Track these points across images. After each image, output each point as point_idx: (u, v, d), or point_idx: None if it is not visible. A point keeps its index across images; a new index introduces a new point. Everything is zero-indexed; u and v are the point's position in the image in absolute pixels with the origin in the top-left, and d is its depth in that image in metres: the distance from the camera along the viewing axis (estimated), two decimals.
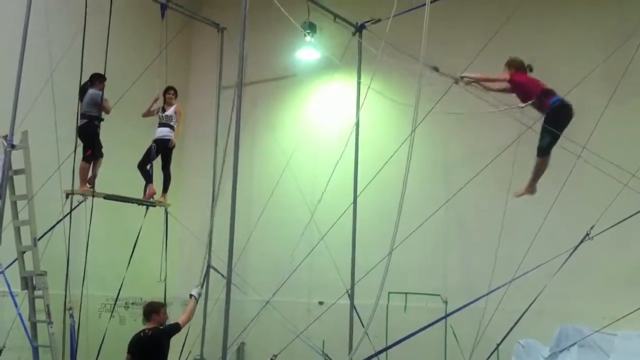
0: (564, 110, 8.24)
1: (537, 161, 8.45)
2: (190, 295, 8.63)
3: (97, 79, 10.38)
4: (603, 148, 9.06)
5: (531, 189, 8.62)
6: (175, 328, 8.12)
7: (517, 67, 8.53)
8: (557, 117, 8.22)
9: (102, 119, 10.41)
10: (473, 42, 10.24)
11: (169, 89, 11.44)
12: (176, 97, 11.52)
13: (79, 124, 10.24)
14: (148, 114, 11.36)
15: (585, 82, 9.36)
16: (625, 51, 9.37)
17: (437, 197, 10.31)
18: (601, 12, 10.53)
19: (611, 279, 9.70)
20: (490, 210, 10.58)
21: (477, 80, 8.69)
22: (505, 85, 8.57)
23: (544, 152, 8.31)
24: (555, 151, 9.29)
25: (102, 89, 10.40)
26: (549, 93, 8.31)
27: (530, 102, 8.34)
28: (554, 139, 8.22)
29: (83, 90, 10.33)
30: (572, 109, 8.24)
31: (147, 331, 7.91)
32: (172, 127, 11.25)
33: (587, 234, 8.48)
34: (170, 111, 11.27)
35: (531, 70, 8.56)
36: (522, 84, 8.43)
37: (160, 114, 11.26)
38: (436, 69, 8.54)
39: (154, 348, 7.86)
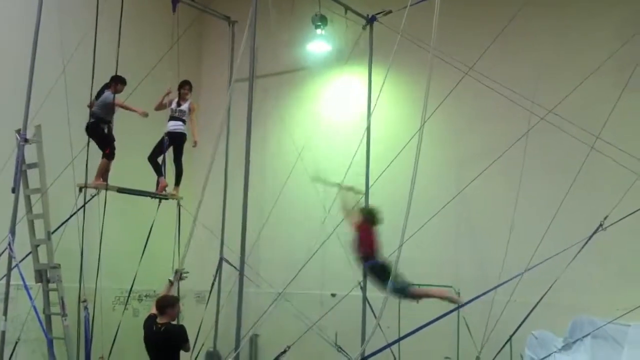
0: (378, 269, 8.62)
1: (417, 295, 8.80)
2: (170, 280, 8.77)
3: (114, 81, 10.42)
4: (616, 138, 9.02)
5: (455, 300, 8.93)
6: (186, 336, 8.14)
7: (366, 219, 9.11)
8: (375, 275, 8.71)
9: (110, 121, 10.44)
10: (485, 33, 10.19)
11: (184, 84, 11.39)
12: (191, 92, 11.49)
13: (87, 123, 10.34)
14: (160, 106, 11.35)
15: (598, 72, 9.32)
16: (638, 41, 9.31)
17: (449, 190, 10.29)
18: (615, 2, 10.45)
19: (624, 270, 9.66)
20: (502, 202, 10.56)
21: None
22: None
23: (402, 290, 8.45)
24: (569, 141, 9.28)
25: (118, 92, 10.43)
26: (368, 258, 8.82)
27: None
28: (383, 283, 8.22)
29: (101, 91, 10.38)
30: (384, 265, 8.53)
31: (160, 326, 7.87)
32: (184, 122, 11.27)
33: (601, 225, 8.44)
34: (184, 106, 11.27)
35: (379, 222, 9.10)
36: (362, 237, 8.95)
37: (174, 107, 11.26)
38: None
39: (163, 346, 7.84)
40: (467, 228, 11.09)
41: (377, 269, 8.62)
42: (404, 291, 8.44)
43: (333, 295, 11.65)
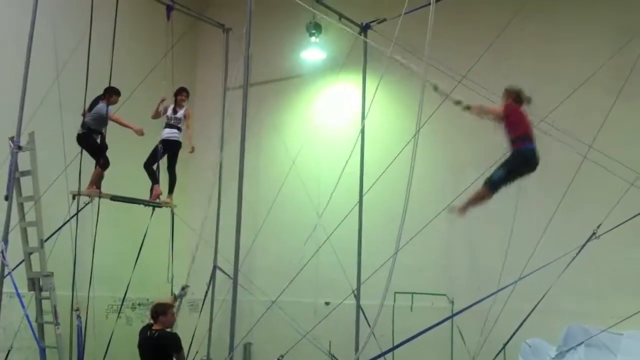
0: (532, 160, 7.70)
1: (480, 190, 7.84)
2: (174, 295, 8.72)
3: (108, 93, 10.37)
4: (610, 147, 9.05)
5: (463, 212, 8.00)
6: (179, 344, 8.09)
7: (514, 97, 8.02)
8: (522, 161, 7.73)
9: (102, 133, 10.41)
10: (479, 41, 10.23)
11: (181, 91, 11.38)
12: (188, 99, 11.46)
13: (78, 132, 10.32)
14: (157, 115, 11.32)
15: (592, 81, 9.35)
16: (631, 49, 9.36)
17: (444, 197, 10.28)
18: (608, 10, 10.52)
19: (618, 278, 9.69)
20: (497, 210, 10.53)
21: (472, 108, 7.96)
22: (498, 115, 7.97)
23: (492, 185, 7.71)
24: (562, 150, 9.30)
25: (112, 103, 10.40)
26: (528, 138, 7.78)
27: (508, 131, 7.82)
28: (506, 178, 7.71)
29: (95, 102, 10.36)
30: (537, 163, 7.72)
31: (154, 332, 7.87)
32: (179, 129, 11.25)
33: (594, 233, 8.47)
34: (180, 113, 11.24)
35: (529, 102, 8.07)
36: (514, 118, 7.85)
37: (169, 114, 11.24)
38: (435, 88, 8.20)
39: (155, 353, 7.82)
40: (461, 236, 11.09)
41: (525, 158, 7.67)
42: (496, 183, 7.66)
43: (327, 303, 11.65)
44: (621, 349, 8.94)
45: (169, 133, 11.18)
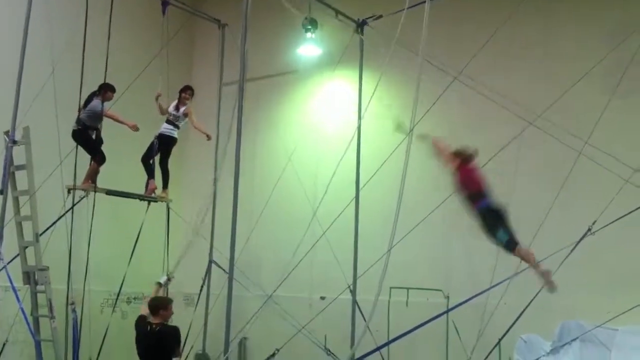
0: (496, 209, 7.72)
1: (514, 254, 7.68)
2: (158, 283, 8.75)
3: (103, 89, 10.35)
4: (605, 143, 9.07)
5: (548, 278, 7.65)
6: (180, 337, 8.15)
7: (463, 158, 8.16)
8: (493, 214, 7.73)
9: (97, 128, 10.40)
10: (476, 39, 10.22)
11: (186, 89, 11.38)
12: (192, 97, 11.42)
13: (73, 129, 10.29)
14: (161, 112, 11.35)
15: (588, 78, 9.36)
16: (627, 46, 9.37)
17: (439, 193, 10.29)
18: (604, 7, 10.53)
19: (613, 274, 9.71)
20: None
21: (435, 145, 8.44)
22: (449, 168, 8.24)
23: (508, 246, 7.63)
24: (558, 146, 9.33)
25: (107, 99, 10.38)
26: (481, 195, 7.85)
27: (460, 188, 8.00)
28: (504, 228, 7.62)
29: (89, 98, 10.33)
30: (501, 207, 7.74)
31: (155, 326, 7.88)
32: (176, 126, 11.26)
33: (589, 229, 8.48)
34: (180, 111, 11.25)
35: (477, 155, 8.21)
36: (464, 178, 8.03)
37: (171, 110, 11.27)
38: (399, 127, 8.41)
39: (159, 347, 7.84)
40: (457, 232, 11.10)
41: (489, 213, 7.67)
42: (507, 244, 7.57)
43: (322, 298, 11.67)
44: (616, 344, 8.98)
45: (165, 128, 11.25)
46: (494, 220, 7.60)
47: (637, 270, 9.53)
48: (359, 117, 11.18)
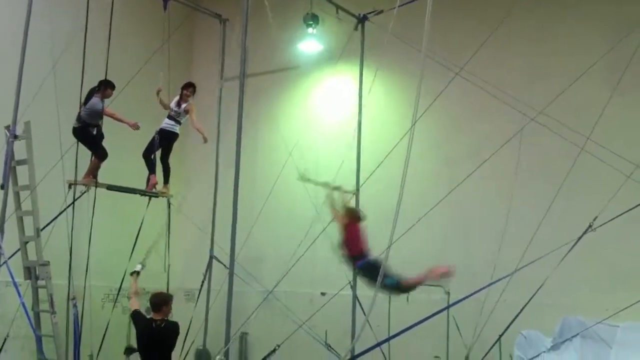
0: (372, 266, 8.21)
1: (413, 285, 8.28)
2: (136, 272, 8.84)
3: (103, 86, 10.29)
4: (606, 140, 9.07)
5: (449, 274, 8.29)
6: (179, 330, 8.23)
7: (352, 217, 8.95)
8: (367, 273, 8.45)
9: (99, 125, 10.38)
10: (477, 34, 10.21)
11: (188, 85, 11.33)
12: (193, 95, 11.38)
13: (73, 126, 10.26)
14: (164, 107, 11.34)
15: (589, 74, 9.35)
16: (629, 42, 9.36)
17: (440, 190, 10.30)
18: (605, 4, 10.50)
19: (614, 271, 9.71)
20: (493, 202, 10.61)
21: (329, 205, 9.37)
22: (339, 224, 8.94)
23: (399, 285, 8.20)
24: (559, 142, 9.33)
25: (106, 96, 10.33)
26: (362, 256, 8.57)
27: (345, 246, 8.72)
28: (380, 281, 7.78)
29: (89, 94, 10.31)
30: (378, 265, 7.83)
31: (159, 322, 7.92)
32: (178, 122, 11.25)
33: (590, 226, 8.49)
34: (182, 107, 11.23)
35: (365, 219, 9.03)
36: (351, 236, 8.74)
37: (173, 106, 11.24)
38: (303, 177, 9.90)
39: (164, 342, 7.89)
40: (457, 228, 11.11)
41: (368, 268, 8.40)
42: (398, 285, 8.19)
43: (323, 294, 11.67)
44: (616, 340, 8.96)
45: (166, 124, 11.22)
46: (375, 272, 7.67)
47: (638, 266, 9.53)
48: (359, 113, 11.18)
